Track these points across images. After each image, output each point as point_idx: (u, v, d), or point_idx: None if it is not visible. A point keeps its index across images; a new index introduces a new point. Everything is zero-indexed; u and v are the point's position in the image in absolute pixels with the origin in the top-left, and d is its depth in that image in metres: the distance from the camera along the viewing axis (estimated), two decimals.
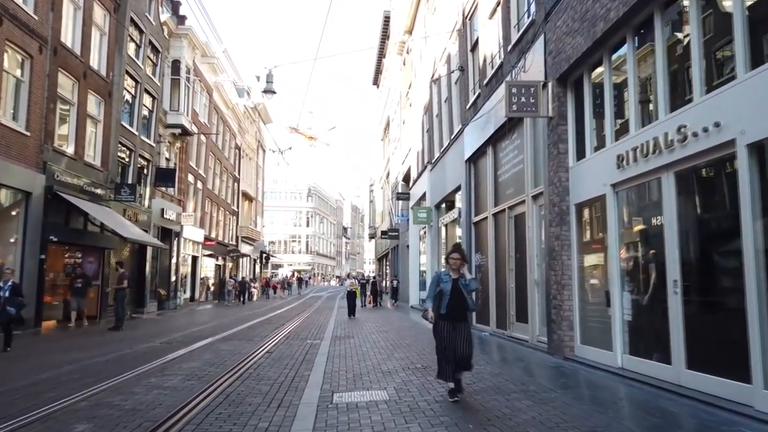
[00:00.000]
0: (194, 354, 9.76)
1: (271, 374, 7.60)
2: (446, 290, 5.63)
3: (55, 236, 14.45)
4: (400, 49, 29.62)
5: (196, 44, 25.47)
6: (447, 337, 5.60)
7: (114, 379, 7.17)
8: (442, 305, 5.61)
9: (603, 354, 7.12)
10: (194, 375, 7.51)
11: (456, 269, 5.70)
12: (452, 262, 5.71)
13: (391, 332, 13.23)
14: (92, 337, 12.86)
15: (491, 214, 12.06)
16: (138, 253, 20.88)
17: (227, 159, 35.41)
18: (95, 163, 17.10)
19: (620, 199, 6.94)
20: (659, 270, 6.08)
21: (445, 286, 5.65)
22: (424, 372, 7.43)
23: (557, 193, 8.25)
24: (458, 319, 5.61)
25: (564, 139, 8.26)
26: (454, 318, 5.59)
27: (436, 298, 5.70)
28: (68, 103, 15.59)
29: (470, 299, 5.68)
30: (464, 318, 5.67)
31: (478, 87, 13.11)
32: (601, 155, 7.27)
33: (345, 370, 7.86)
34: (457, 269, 5.70)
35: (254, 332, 13.64)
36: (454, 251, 5.84)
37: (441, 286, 5.68)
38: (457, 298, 5.60)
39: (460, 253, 5.79)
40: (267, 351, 10.01)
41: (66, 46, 15.24)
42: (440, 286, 5.69)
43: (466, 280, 5.65)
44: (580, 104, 8.12)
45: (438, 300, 5.67)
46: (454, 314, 5.59)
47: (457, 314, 5.61)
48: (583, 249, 8.00)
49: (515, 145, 10.65)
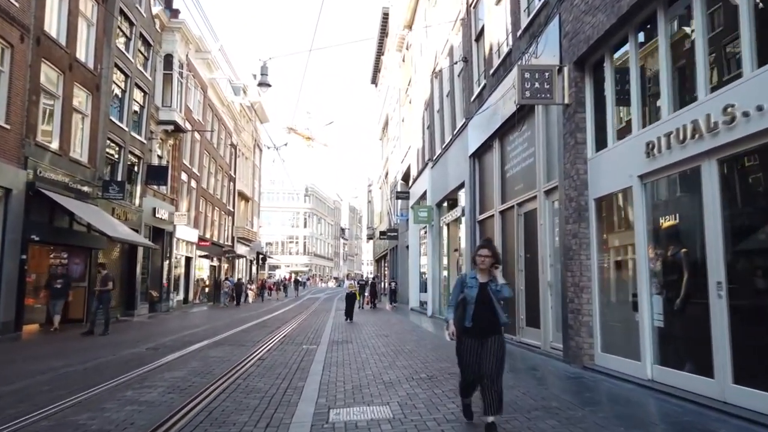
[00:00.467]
0: (180, 361, 9.04)
1: (261, 385, 6.89)
2: (471, 297, 4.42)
3: (37, 235, 13.71)
4: (399, 46, 28.96)
5: (190, 39, 24.75)
6: (474, 360, 4.40)
7: (87, 392, 6.45)
8: (466, 317, 4.42)
9: (629, 364, 6.42)
10: (176, 387, 6.80)
11: (485, 270, 4.51)
12: (480, 261, 4.51)
13: (392, 336, 12.53)
14: (75, 343, 12.13)
15: (498, 211, 11.38)
16: (128, 254, 20.13)
17: (222, 158, 34.67)
18: (82, 160, 16.36)
19: (649, 191, 6.25)
20: (697, 271, 5.39)
21: (470, 292, 4.43)
22: (431, 383, 6.72)
23: (574, 187, 7.56)
24: (486, 334, 4.41)
25: (582, 128, 7.57)
26: (482, 333, 4.40)
27: (459, 308, 4.54)
28: (53, 96, 14.86)
29: (502, 310, 4.46)
30: (494, 331, 4.44)
31: (483, 78, 12.43)
32: (626, 144, 6.59)
33: (343, 380, 7.16)
34: (486, 270, 4.51)
35: (247, 336, 12.92)
36: (483, 246, 4.60)
37: (465, 292, 4.48)
38: (485, 308, 4.39)
39: (490, 249, 4.55)
40: (259, 358, 9.31)
41: (50, 35, 14.52)
42: (464, 291, 4.50)
43: (497, 285, 4.45)
44: (600, 89, 7.44)
45: (461, 310, 4.50)
46: (481, 328, 4.40)
47: (485, 328, 4.40)
48: (603, 248, 7.31)
49: (525, 138, 9.96)
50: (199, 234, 29.03)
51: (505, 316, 4.48)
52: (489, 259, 4.51)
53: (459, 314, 4.51)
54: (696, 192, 5.38)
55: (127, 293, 19.99)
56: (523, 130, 9.97)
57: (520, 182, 10.27)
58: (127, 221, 19.10)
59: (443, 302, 17.89)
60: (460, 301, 4.54)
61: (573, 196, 7.59)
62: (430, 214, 18.79)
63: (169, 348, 10.82)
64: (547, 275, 8.80)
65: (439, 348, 10.24)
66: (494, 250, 4.60)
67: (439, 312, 18.04)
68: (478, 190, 13.11)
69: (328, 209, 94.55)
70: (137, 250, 20.42)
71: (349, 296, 17.81)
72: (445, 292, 17.56)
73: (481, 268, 4.52)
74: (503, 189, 11.27)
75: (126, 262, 20.00)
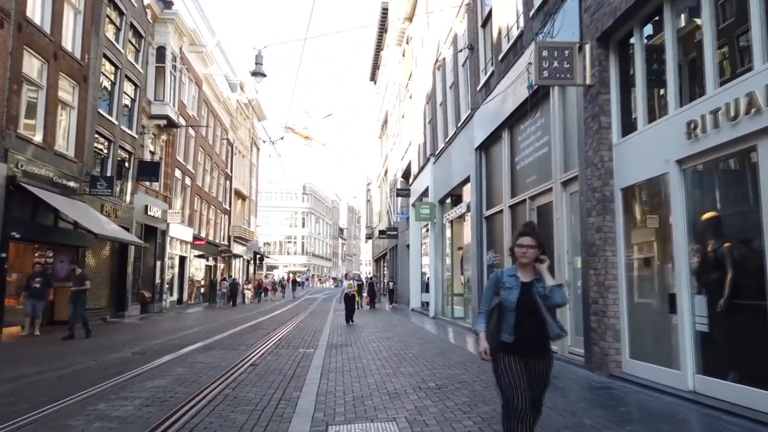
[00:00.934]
0: (165, 368, 8.31)
1: (251, 396, 6.17)
2: (510, 302, 3.32)
3: (18, 232, 12.95)
4: (399, 39, 28.23)
5: (184, 31, 24.00)
6: (518, 384, 3.25)
7: (53, 405, 5.72)
8: (505, 328, 3.32)
9: (665, 373, 5.71)
10: (156, 398, 6.07)
11: (528, 266, 3.40)
12: (521, 253, 3.38)
13: (394, 339, 11.81)
14: (55, 347, 11.38)
15: (507, 206, 10.67)
16: (119, 253, 19.37)
17: (218, 155, 33.91)
18: (68, 154, 15.60)
19: (689, 177, 5.53)
20: (748, 267, 4.69)
21: (509, 295, 3.34)
22: (441, 394, 6.00)
23: (598, 176, 6.85)
24: (533, 353, 3.33)
25: (606, 111, 6.86)
26: (526, 350, 3.31)
27: (494, 315, 3.42)
28: (36, 86, 14.11)
29: (553, 319, 3.32)
30: (542, 350, 3.37)
31: (491, 65, 11.72)
32: (661, 126, 5.87)
33: (342, 389, 6.45)
34: (529, 266, 3.40)
35: (241, 339, 12.20)
36: (524, 233, 3.45)
37: (501, 295, 3.37)
38: (531, 317, 3.30)
39: (534, 237, 3.41)
40: (251, 363, 8.58)
41: (33, 22, 13.76)
42: (500, 294, 3.39)
43: (545, 288, 3.32)
44: (627, 67, 6.73)
45: (496, 319, 3.39)
46: (526, 344, 3.30)
47: (531, 344, 3.32)
48: (632, 242, 6.60)
49: (538, 125, 9.25)
50: (193, 233, 28.28)
51: (558, 327, 3.30)
52: (533, 250, 3.35)
53: (494, 325, 3.38)
54: (748, 177, 4.67)
55: (118, 294, 19.23)
56: (536, 117, 9.25)
57: (532, 174, 9.56)
58: (117, 219, 18.35)
59: (446, 303, 17.16)
60: (495, 307, 3.41)
61: (596, 186, 6.87)
62: (432, 212, 18.07)
63: (156, 352, 10.10)
64: (565, 274, 8.08)
65: (446, 352, 9.52)
66: (539, 238, 3.43)
67: (442, 313, 17.32)
68: (485, 185, 12.40)
69: (327, 209, 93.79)
70: (128, 249, 19.67)
71: (348, 298, 16.31)
72: (448, 292, 16.84)
73: (522, 262, 3.40)
74: (513, 182, 10.57)
75: (116, 262, 19.25)
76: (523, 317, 3.30)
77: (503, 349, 3.32)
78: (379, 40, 36.44)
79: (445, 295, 17.27)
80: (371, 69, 42.63)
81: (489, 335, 3.38)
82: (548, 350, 3.40)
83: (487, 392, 6.02)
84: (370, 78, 44.76)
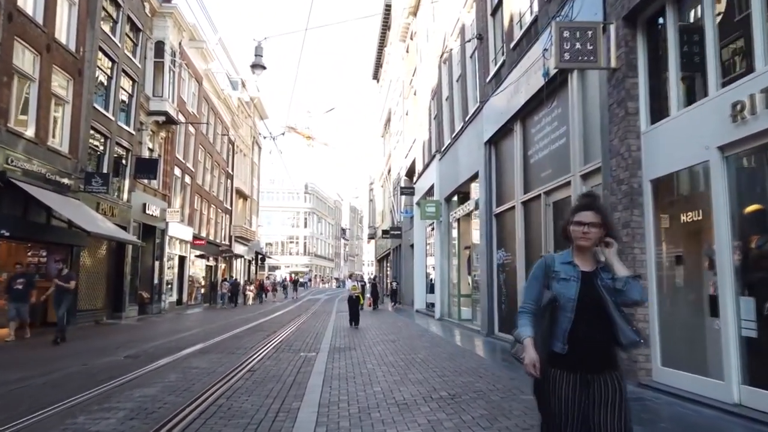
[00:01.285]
0: (157, 373, 7.78)
1: (247, 407, 5.63)
2: (567, 299, 2.49)
3: (7, 230, 12.42)
4: (403, 35, 27.69)
5: (183, 26, 23.48)
6: (575, 415, 2.44)
7: (30, 417, 5.20)
8: (558, 333, 2.49)
9: (704, 383, 5.15)
10: (142, 410, 5.53)
11: (588, 250, 2.56)
12: (581, 234, 2.52)
13: (399, 342, 11.28)
14: (47, 350, 10.85)
15: (520, 202, 10.12)
16: (116, 252, 18.84)
17: (219, 154, 33.39)
18: (61, 149, 15.08)
19: (733, 166, 4.98)
20: None
21: (565, 289, 2.51)
22: (455, 405, 5.46)
23: (624, 167, 6.29)
24: (595, 368, 2.47)
25: (634, 96, 6.30)
26: (586, 364, 2.46)
27: (543, 316, 2.54)
28: (28, 79, 13.59)
29: (625, 321, 2.48)
30: (608, 364, 2.50)
31: (501, 54, 11.16)
32: (700, 109, 5.32)
33: (347, 399, 5.91)
34: (589, 250, 2.56)
35: (240, 342, 11.66)
36: (585, 206, 2.58)
37: (554, 289, 2.52)
38: (595, 319, 2.46)
39: (599, 212, 2.57)
40: (249, 369, 8.05)
41: (25, 12, 13.25)
42: (552, 288, 2.53)
43: (615, 278, 2.50)
44: (656, 48, 6.18)
45: (547, 321, 2.51)
46: (586, 355, 2.46)
47: (593, 354, 2.47)
48: (663, 239, 6.04)
49: (555, 116, 8.70)
50: (193, 232, 27.75)
51: (633, 331, 2.46)
52: (596, 229, 2.49)
53: (544, 329, 2.50)
54: None
55: (115, 295, 18.70)
56: (552, 106, 8.70)
57: (547, 167, 9.01)
58: (113, 217, 17.84)
59: (452, 304, 16.60)
60: (546, 305, 2.51)
61: (623, 177, 6.32)
62: (438, 210, 17.51)
63: (151, 356, 9.58)
64: None
65: (455, 356, 8.98)
66: (605, 213, 2.58)
67: (448, 314, 16.75)
68: (495, 180, 11.84)
69: (329, 209, 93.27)
70: (125, 249, 19.14)
71: (352, 300, 15.22)
72: (455, 293, 16.28)
73: (581, 245, 2.52)
74: (526, 177, 10.01)
75: (113, 262, 18.71)
76: (583, 319, 2.44)
77: (554, 362, 2.47)
78: (382, 38, 35.94)
79: (452, 296, 16.71)
80: (374, 67, 42.14)
81: (537, 342, 2.49)
82: (616, 364, 2.51)
83: (506, 403, 5.48)
84: (373, 76, 44.26)
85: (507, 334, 10.74)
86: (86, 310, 16.59)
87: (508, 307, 10.87)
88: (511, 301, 10.62)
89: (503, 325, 11.14)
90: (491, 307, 11.59)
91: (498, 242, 11.63)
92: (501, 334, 11.12)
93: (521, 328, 2.56)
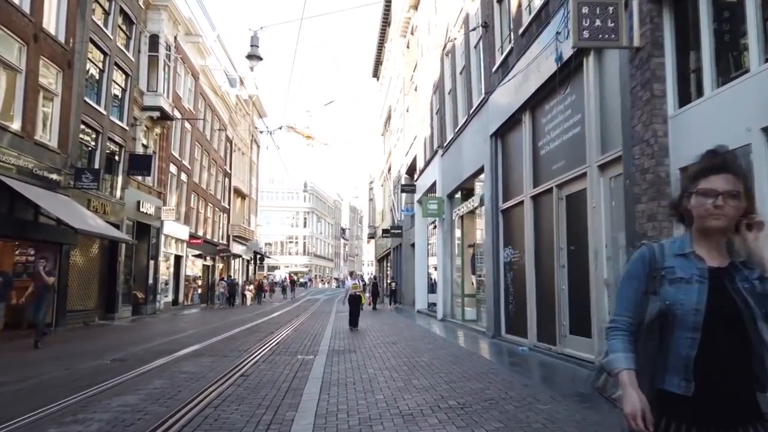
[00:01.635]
0: (143, 379, 7.24)
1: (236, 418, 5.10)
2: (688, 310, 1.60)
3: None
4: (403, 31, 27.16)
5: (178, 19, 22.93)
6: None
7: None
8: (675, 363, 1.61)
9: None
10: (119, 422, 4.98)
11: (720, 232, 1.65)
12: (709, 208, 1.61)
13: (401, 344, 10.75)
14: (29, 353, 10.31)
15: (529, 196, 9.59)
16: (108, 251, 18.27)
17: (216, 151, 32.83)
18: (50, 144, 14.52)
19: None
20: None
21: (684, 294, 1.61)
22: (466, 417, 4.92)
23: (650, 155, 5.75)
24: (731, 418, 1.56)
25: (660, 77, 5.76)
26: (721, 413, 1.56)
27: (648, 336, 1.66)
28: (13, 70, 13.04)
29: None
30: (751, 412, 1.58)
31: (509, 42, 10.63)
32: (739, 87, 4.78)
33: (346, 408, 5.38)
34: (721, 233, 1.65)
35: (234, 344, 11.13)
36: (717, 168, 1.65)
37: (664, 295, 1.64)
38: (730, 340, 1.58)
39: (738, 176, 1.65)
40: (242, 374, 7.51)
41: (10, 0, 12.69)
42: (661, 293, 1.65)
43: (764, 278, 1.59)
44: (685, 24, 5.64)
45: (655, 342, 1.65)
46: (722, 397, 1.56)
47: (732, 397, 1.57)
48: None
49: (568, 103, 8.17)
50: (190, 231, 27.19)
51: None
52: (734, 202, 1.61)
53: (651, 357, 1.66)
54: None
55: (107, 295, 18.14)
56: (565, 93, 8.17)
57: (560, 159, 8.48)
58: (105, 215, 17.28)
59: (456, 305, 16.05)
60: (653, 320, 1.65)
61: (648, 166, 5.78)
62: (440, 207, 16.98)
63: (139, 359, 9.04)
64: (603, 272, 6.99)
65: (461, 360, 8.45)
66: (746, 179, 1.69)
67: (451, 315, 16.20)
68: (502, 174, 11.31)
69: (328, 208, 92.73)
70: (119, 247, 18.58)
71: (353, 299, 14.29)
72: (458, 292, 15.73)
73: (710, 226, 1.63)
74: (536, 170, 9.48)
75: (106, 261, 18.15)
76: (714, 341, 1.58)
77: (667, 409, 1.61)
78: (382, 34, 35.41)
79: (455, 296, 16.17)
80: (374, 65, 41.59)
81: (641, 370, 1.63)
82: (760, 412, 1.60)
83: (522, 414, 4.95)
84: (373, 74, 43.71)
85: (514, 336, 10.23)
86: (77, 311, 16.04)
87: (515, 308, 10.34)
88: (519, 301, 10.10)
89: (510, 326, 10.62)
90: (497, 308, 11.06)
91: (505, 240, 11.10)
92: (508, 335, 10.60)
93: (614, 354, 1.65)
